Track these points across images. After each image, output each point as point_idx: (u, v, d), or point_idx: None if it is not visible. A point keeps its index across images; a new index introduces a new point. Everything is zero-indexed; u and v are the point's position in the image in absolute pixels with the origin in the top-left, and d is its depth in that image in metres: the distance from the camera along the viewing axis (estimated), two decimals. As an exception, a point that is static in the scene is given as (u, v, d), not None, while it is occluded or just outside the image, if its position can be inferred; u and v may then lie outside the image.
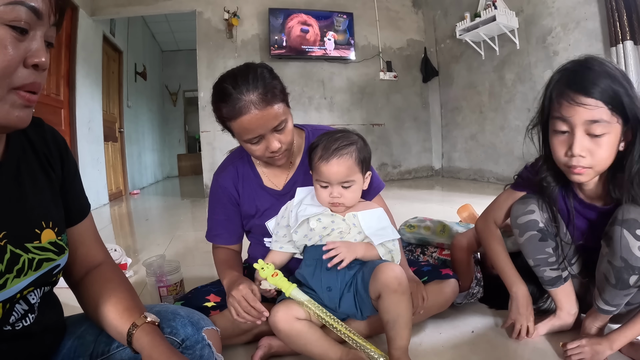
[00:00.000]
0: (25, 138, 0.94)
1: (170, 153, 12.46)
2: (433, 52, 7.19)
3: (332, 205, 1.43)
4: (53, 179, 0.98)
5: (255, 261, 1.36)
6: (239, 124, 1.35)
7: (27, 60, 0.73)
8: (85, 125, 5.58)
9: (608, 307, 1.28)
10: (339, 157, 1.37)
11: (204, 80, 6.18)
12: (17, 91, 0.74)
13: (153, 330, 0.94)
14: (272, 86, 1.36)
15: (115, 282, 1.06)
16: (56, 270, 0.93)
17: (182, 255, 2.98)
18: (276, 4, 6.41)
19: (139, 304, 1.03)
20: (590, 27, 4.32)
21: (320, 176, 1.40)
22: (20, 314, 0.85)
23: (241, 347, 1.51)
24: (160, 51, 11.68)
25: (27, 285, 0.84)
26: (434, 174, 7.46)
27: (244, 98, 1.31)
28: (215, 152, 6.22)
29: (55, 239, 0.92)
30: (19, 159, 0.90)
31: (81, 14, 5.52)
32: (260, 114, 1.32)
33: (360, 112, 6.96)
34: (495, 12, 5.18)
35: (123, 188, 7.42)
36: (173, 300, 1.81)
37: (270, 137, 1.39)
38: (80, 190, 1.10)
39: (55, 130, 1.04)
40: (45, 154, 0.97)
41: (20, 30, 0.71)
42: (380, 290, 1.29)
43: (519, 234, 1.42)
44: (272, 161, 1.48)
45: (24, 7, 0.71)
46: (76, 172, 1.08)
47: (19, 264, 0.81)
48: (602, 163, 1.15)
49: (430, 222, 2.07)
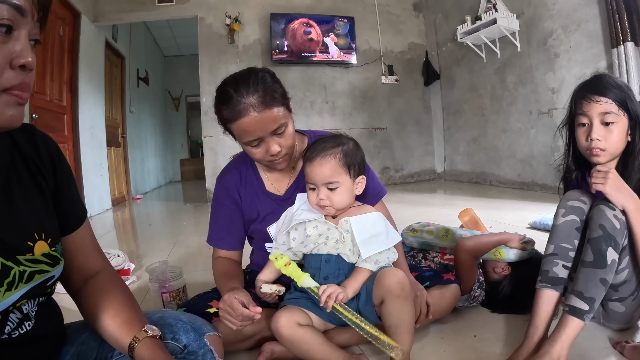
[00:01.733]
0: (14, 147, 0.92)
1: (173, 158, 12.47)
2: (434, 55, 7.19)
3: (320, 208, 1.43)
4: (45, 188, 0.95)
5: (257, 267, 1.36)
6: (238, 126, 1.37)
7: (13, 61, 0.71)
8: (88, 130, 5.60)
9: (581, 304, 1.28)
10: (322, 158, 1.39)
11: (206, 85, 6.21)
12: (7, 91, 0.72)
13: (154, 344, 0.93)
14: (272, 90, 1.37)
15: (113, 292, 1.04)
16: (50, 282, 0.91)
17: (185, 260, 2.99)
18: (277, 9, 6.44)
19: (139, 315, 1.02)
20: (591, 29, 4.33)
21: (307, 177, 1.43)
22: (15, 323, 0.83)
23: (244, 352, 1.51)
24: (162, 56, 11.71)
25: (19, 298, 0.82)
26: (436, 177, 7.46)
27: (244, 101, 1.32)
28: (218, 157, 6.24)
29: (49, 251, 0.90)
30: (8, 169, 0.88)
31: (83, 20, 5.55)
32: (259, 116, 1.34)
33: (362, 116, 6.97)
34: (496, 15, 5.19)
35: (126, 193, 7.43)
36: (176, 306, 1.81)
37: (270, 140, 1.40)
38: (76, 197, 1.07)
39: (47, 136, 1.01)
40: (35, 162, 0.95)
41: (5, 29, 0.69)
42: (384, 295, 1.30)
43: (562, 214, 1.46)
44: (273, 165, 1.49)
45: (6, 5, 0.69)
46: (70, 178, 1.05)
47: (9, 277, 0.79)
48: (614, 146, 1.44)
49: (433, 227, 2.08)
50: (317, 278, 1.40)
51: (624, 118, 1.43)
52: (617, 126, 1.43)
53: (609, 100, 1.43)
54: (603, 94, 1.44)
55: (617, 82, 1.46)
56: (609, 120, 1.43)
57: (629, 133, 1.46)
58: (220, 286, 1.51)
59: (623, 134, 1.44)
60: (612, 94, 1.43)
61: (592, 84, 1.49)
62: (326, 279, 1.40)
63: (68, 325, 1.07)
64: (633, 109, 1.44)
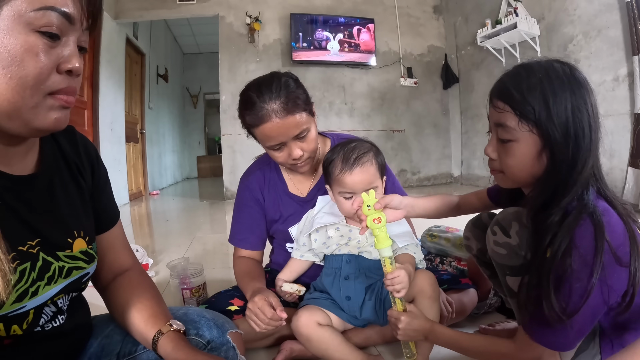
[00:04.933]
0: (57, 147, 0.95)
1: (190, 155, 12.57)
2: (454, 58, 7.15)
3: (357, 217, 1.36)
4: (84, 188, 0.99)
5: (277, 266, 1.37)
6: (261, 131, 1.39)
7: (60, 66, 0.73)
8: (107, 126, 5.68)
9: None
10: (362, 166, 1.36)
11: (226, 83, 6.23)
12: (53, 95, 0.74)
13: (178, 338, 0.95)
14: (295, 95, 1.38)
15: (141, 288, 1.07)
16: (85, 278, 0.95)
17: (202, 257, 3.02)
18: (298, 9, 6.45)
19: (165, 310, 1.04)
20: (612, 36, 4.27)
21: (344, 187, 1.37)
22: (49, 316, 0.86)
23: (263, 350, 1.53)
24: (181, 54, 11.79)
25: (57, 292, 0.85)
26: (452, 181, 7.42)
27: (266, 107, 1.34)
28: (236, 155, 6.28)
29: (86, 248, 0.93)
30: (52, 169, 0.91)
31: (105, 17, 5.62)
32: (281, 122, 1.35)
33: (381, 118, 6.96)
34: (516, 20, 5.13)
35: (143, 188, 7.51)
36: (196, 302, 1.83)
37: (292, 144, 1.41)
38: (110, 199, 1.11)
39: (86, 139, 1.05)
40: (76, 163, 0.99)
41: (51, 36, 0.70)
42: (416, 295, 1.32)
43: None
44: (295, 168, 1.51)
45: (55, 13, 0.69)
46: (107, 181, 1.10)
47: (49, 272, 0.83)
48: (512, 171, 1.11)
49: (451, 235, 2.08)
50: (338, 278, 1.43)
51: (531, 135, 0.99)
52: (517, 146, 1.02)
53: (506, 107, 1.02)
54: (501, 98, 1.04)
55: (534, 81, 1.00)
56: (504, 136, 1.04)
57: (546, 154, 1.00)
58: (243, 286, 1.53)
59: (529, 157, 1.02)
60: (514, 99, 1.00)
61: (500, 79, 1.08)
62: (347, 279, 1.42)
63: (93, 318, 1.10)
64: (547, 125, 0.97)
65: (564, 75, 0.99)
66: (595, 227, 0.89)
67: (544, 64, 1.03)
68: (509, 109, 1.01)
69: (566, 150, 0.96)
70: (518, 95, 1.00)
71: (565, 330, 0.92)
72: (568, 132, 0.96)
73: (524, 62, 1.07)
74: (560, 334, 0.94)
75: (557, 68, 1.01)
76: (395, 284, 1.19)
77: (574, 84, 0.98)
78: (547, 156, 1.00)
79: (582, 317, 0.91)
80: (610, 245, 0.88)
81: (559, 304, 0.90)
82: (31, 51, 0.69)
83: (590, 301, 0.89)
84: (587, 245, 0.89)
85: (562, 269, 0.90)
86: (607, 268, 0.88)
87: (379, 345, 1.54)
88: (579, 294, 0.89)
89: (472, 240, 1.34)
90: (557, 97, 0.96)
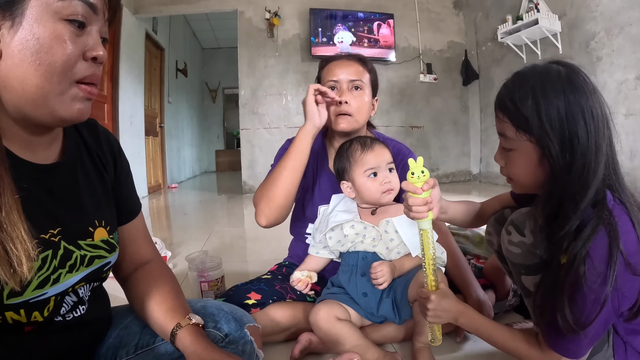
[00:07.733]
0: (80, 139, 0.98)
1: (209, 148, 12.66)
2: (474, 54, 7.08)
3: (384, 195, 1.43)
4: (106, 180, 1.02)
5: (296, 259, 1.38)
6: (328, 68, 1.62)
7: (86, 53, 0.77)
8: (127, 119, 5.73)
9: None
10: (379, 144, 1.49)
11: (245, 78, 6.25)
12: (78, 84, 0.77)
13: (196, 331, 0.96)
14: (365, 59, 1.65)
15: (161, 280, 1.09)
16: (107, 267, 0.96)
17: (220, 251, 3.04)
18: (317, 4, 6.43)
19: (184, 304, 1.05)
20: (634, 33, 4.18)
21: (368, 165, 1.44)
22: (70, 305, 0.88)
23: (279, 344, 1.53)
24: (200, 49, 11.85)
25: (78, 280, 0.87)
26: (471, 178, 7.35)
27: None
28: (255, 150, 6.29)
29: (107, 237, 0.95)
30: (75, 159, 0.93)
31: (125, 12, 5.67)
32: (346, 62, 1.59)
33: (400, 114, 6.91)
34: (537, 16, 5.06)
35: (162, 181, 7.58)
36: (214, 295, 1.85)
37: (346, 89, 1.57)
38: (132, 191, 1.13)
39: (108, 131, 1.08)
40: (98, 154, 1.01)
41: (78, 24, 0.74)
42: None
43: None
44: (336, 120, 1.57)
45: (81, 2, 0.74)
46: (128, 174, 1.12)
47: (71, 260, 0.85)
48: (518, 178, 1.13)
49: (470, 232, 2.06)
50: (355, 275, 1.43)
51: (529, 144, 1.00)
52: (518, 155, 1.04)
53: (505, 118, 1.04)
54: (499, 108, 1.07)
55: (526, 90, 0.99)
56: (506, 145, 1.07)
57: (546, 162, 1.00)
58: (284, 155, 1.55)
59: (530, 165, 1.03)
60: (509, 109, 1.03)
61: (500, 89, 1.09)
62: (363, 276, 1.42)
63: (112, 309, 1.11)
64: (541, 134, 0.97)
65: (559, 80, 0.97)
66: (611, 238, 0.88)
67: (539, 70, 1.02)
68: (507, 119, 1.03)
69: (564, 158, 0.95)
70: (512, 106, 1.01)
71: (578, 339, 0.93)
72: (564, 139, 0.95)
73: (520, 70, 1.07)
74: (573, 343, 0.95)
75: (552, 73, 0.99)
76: (379, 277, 1.34)
77: (568, 89, 0.96)
78: (548, 164, 0.99)
79: (595, 327, 0.91)
80: (624, 255, 0.87)
81: (573, 316, 0.90)
82: (59, 39, 0.73)
83: (603, 311, 0.89)
84: (601, 256, 0.88)
85: (575, 278, 0.90)
86: (620, 277, 0.88)
87: (395, 343, 1.53)
88: (592, 306, 0.89)
89: (494, 236, 1.32)
90: (549, 105, 0.96)
